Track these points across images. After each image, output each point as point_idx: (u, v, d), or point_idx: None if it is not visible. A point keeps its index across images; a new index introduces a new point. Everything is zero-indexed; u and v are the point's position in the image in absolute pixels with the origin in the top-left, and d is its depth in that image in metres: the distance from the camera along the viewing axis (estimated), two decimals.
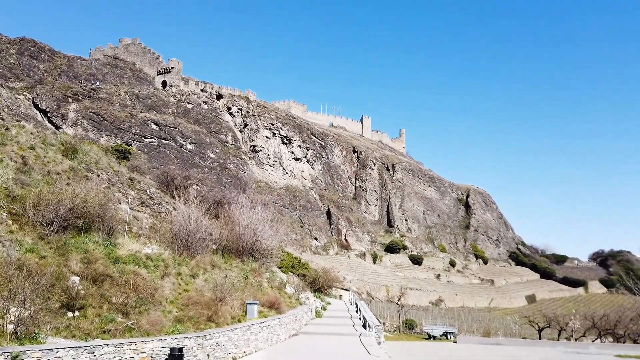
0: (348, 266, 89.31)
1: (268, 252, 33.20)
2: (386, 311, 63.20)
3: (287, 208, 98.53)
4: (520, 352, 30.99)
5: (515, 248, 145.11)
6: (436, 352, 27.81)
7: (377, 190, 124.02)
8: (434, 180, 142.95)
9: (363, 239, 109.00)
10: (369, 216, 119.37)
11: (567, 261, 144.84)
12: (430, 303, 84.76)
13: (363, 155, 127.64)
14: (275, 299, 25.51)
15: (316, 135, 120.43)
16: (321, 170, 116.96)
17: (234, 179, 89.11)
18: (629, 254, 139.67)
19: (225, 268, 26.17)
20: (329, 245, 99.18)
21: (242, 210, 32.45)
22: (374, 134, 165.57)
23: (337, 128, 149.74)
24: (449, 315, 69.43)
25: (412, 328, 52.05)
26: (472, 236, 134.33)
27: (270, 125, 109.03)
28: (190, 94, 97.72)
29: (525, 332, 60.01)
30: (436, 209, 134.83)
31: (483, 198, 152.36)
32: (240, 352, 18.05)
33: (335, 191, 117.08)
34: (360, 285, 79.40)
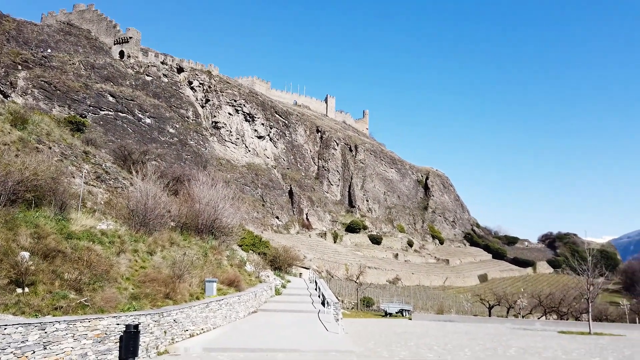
0: (309, 245, 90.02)
1: (228, 230, 32.91)
2: (345, 289, 64.38)
3: (249, 186, 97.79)
4: (471, 328, 32.36)
5: (470, 229, 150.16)
6: (392, 329, 28.64)
7: (339, 170, 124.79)
8: (395, 162, 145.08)
9: (324, 218, 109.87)
10: (331, 196, 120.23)
11: (518, 242, 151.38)
12: (388, 281, 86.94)
13: (327, 135, 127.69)
14: (234, 276, 25.42)
15: (280, 114, 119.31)
16: (284, 149, 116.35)
17: (195, 156, 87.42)
18: (575, 236, 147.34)
19: (184, 245, 25.79)
20: (290, 224, 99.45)
21: (202, 188, 31.89)
22: (338, 114, 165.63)
23: (301, 107, 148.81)
24: (405, 293, 71.52)
25: (369, 305, 53.34)
26: (430, 217, 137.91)
27: (233, 101, 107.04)
28: (149, 66, 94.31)
29: (476, 310, 62.67)
30: (396, 190, 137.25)
31: (442, 180, 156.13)
32: (199, 329, 17.97)
33: (297, 170, 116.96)
34: (321, 264, 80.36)
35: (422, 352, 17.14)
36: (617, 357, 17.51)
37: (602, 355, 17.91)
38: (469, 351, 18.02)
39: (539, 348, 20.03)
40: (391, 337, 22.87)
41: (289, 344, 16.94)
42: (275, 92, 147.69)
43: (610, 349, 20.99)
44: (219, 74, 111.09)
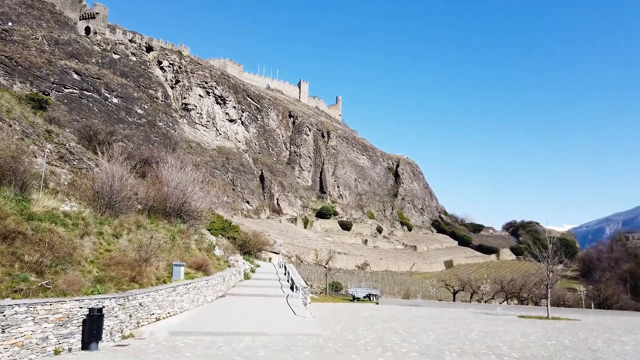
0: (279, 230, 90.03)
1: (197, 214, 32.52)
2: (314, 274, 64.87)
3: (219, 170, 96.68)
4: (435, 313, 33.22)
5: (438, 217, 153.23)
6: (359, 313, 29.10)
7: (311, 156, 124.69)
8: (367, 149, 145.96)
9: (295, 204, 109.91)
10: (302, 182, 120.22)
11: (483, 230, 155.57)
12: (357, 267, 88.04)
13: (299, 121, 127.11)
14: (203, 260, 25.22)
15: (252, 97, 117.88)
16: (256, 133, 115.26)
17: (164, 138, 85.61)
18: (537, 224, 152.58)
19: (152, 229, 25.37)
20: (260, 209, 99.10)
21: (171, 170, 31.31)
22: (310, 100, 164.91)
23: (274, 91, 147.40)
24: (373, 278, 72.66)
25: (337, 290, 53.96)
26: (400, 204, 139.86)
27: (204, 83, 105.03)
28: (117, 44, 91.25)
29: (441, 295, 64.30)
30: (367, 177, 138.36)
31: (412, 168, 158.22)
32: (165, 313, 17.81)
33: (269, 155, 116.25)
34: (290, 249, 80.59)
35: (387, 336, 17.50)
36: (572, 340, 18.32)
37: (558, 339, 18.70)
38: (432, 334, 18.51)
39: (499, 332, 20.75)
40: (358, 321, 23.25)
41: (257, 328, 17.00)
42: (247, 75, 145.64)
43: (566, 332, 21.94)
44: (189, 54, 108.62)
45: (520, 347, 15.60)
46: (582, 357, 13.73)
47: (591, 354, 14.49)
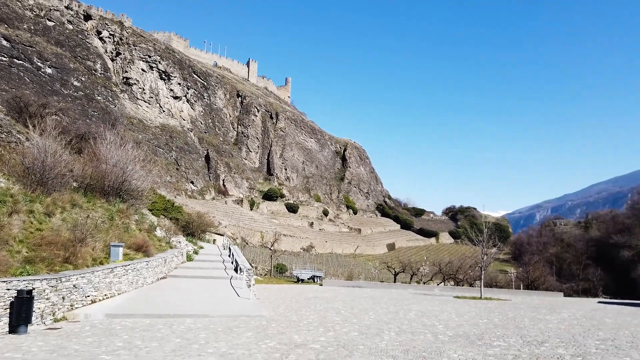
0: (224, 212, 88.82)
1: (138, 193, 31.33)
2: (259, 256, 64.77)
3: (163, 149, 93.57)
4: (377, 294, 34.20)
5: (383, 201, 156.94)
6: (303, 294, 29.42)
7: (259, 137, 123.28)
8: (315, 132, 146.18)
9: (242, 185, 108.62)
10: (249, 163, 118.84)
11: (424, 214, 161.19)
12: (302, 249, 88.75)
13: (247, 101, 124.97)
14: (143, 241, 24.43)
15: (198, 74, 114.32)
16: (202, 111, 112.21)
17: (102, 113, 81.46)
18: (474, 210, 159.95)
19: (88, 208, 24.20)
20: (205, 190, 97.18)
21: (110, 147, 29.84)
22: (259, 80, 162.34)
23: (222, 69, 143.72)
24: (318, 260, 73.62)
25: (282, 272, 54.23)
26: (346, 188, 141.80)
27: (147, 57, 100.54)
28: (51, 10, 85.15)
29: (383, 276, 66.25)
30: (315, 160, 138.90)
31: (359, 153, 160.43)
32: (101, 295, 17.15)
33: (215, 135, 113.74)
34: (236, 231, 79.84)
35: (329, 316, 17.82)
36: (501, 319, 19.48)
37: (489, 318, 19.82)
38: (373, 314, 19.05)
39: (435, 311, 21.69)
40: (301, 302, 23.50)
41: (198, 310, 16.77)
42: (194, 50, 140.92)
43: (496, 311, 23.29)
44: (131, 25, 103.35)
45: (455, 325, 16.39)
46: (509, 334, 14.63)
47: (518, 331, 15.47)
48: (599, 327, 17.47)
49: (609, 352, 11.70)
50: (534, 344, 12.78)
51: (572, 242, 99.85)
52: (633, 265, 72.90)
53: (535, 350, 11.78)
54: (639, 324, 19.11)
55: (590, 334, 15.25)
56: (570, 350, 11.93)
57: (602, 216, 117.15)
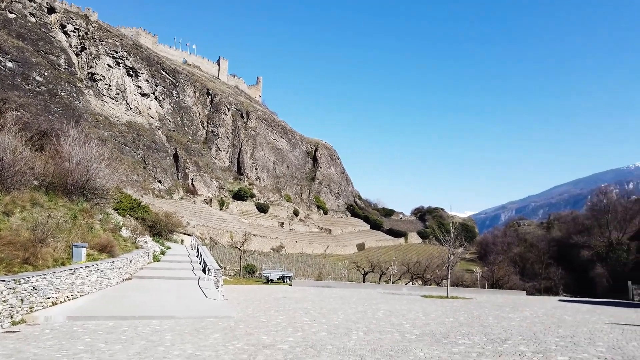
0: (193, 211, 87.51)
1: (103, 192, 30.53)
2: (228, 256, 64.12)
3: (129, 147, 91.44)
4: (346, 293, 34.40)
5: (353, 201, 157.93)
6: (272, 295, 29.30)
7: (229, 136, 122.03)
8: (286, 132, 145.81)
9: (211, 184, 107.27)
10: (219, 162, 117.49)
11: (393, 215, 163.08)
12: (272, 249, 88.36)
13: (217, 99, 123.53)
14: (107, 241, 23.81)
15: (167, 71, 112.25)
16: (170, 109, 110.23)
17: (66, 109, 78.93)
18: (442, 210, 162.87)
19: (50, 207, 23.42)
20: (174, 189, 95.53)
21: (73, 144, 28.96)
22: (230, 78, 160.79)
23: (192, 67, 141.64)
24: (288, 260, 73.45)
25: (252, 272, 53.85)
26: (317, 188, 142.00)
27: (113, 52, 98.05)
28: (12, 1, 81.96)
29: (353, 276, 66.68)
30: (286, 160, 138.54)
31: (329, 153, 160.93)
32: (63, 297, 16.61)
33: (184, 133, 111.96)
34: (204, 231, 78.77)
35: (298, 316, 17.81)
36: (467, 317, 19.91)
37: (455, 316, 20.22)
38: (342, 314, 19.15)
39: (403, 311, 21.98)
40: (270, 303, 23.39)
41: (165, 311, 16.46)
42: (162, 47, 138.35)
43: (462, 310, 23.79)
44: (97, 20, 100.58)
45: (421, 324, 16.65)
46: (474, 332, 14.97)
47: (482, 329, 15.85)
48: (559, 325, 18.08)
49: (568, 349, 12.13)
50: (497, 341, 13.12)
51: (534, 242, 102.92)
52: (591, 264, 75.76)
53: (499, 347, 12.10)
54: (596, 322, 19.88)
55: (551, 331, 15.77)
56: (532, 347, 12.30)
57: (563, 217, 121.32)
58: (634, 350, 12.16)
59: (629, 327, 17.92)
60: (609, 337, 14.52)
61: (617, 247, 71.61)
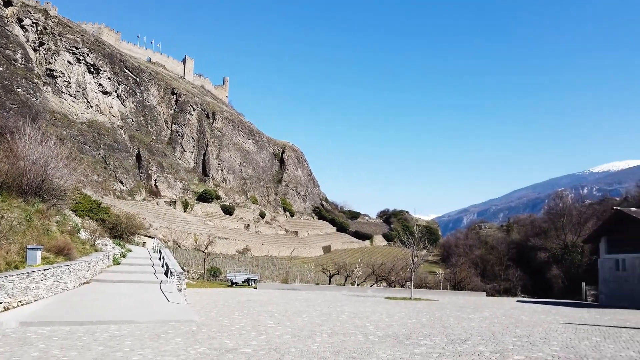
0: (156, 213, 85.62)
1: (60, 193, 29.46)
2: (192, 259, 63.03)
3: (90, 146, 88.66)
4: (311, 296, 34.41)
5: (320, 204, 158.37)
6: (236, 298, 28.98)
7: (194, 137, 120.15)
8: (253, 134, 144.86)
9: (175, 186, 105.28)
10: (184, 163, 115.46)
11: (359, 217, 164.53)
12: (238, 252, 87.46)
13: (183, 99, 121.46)
14: (65, 244, 22.96)
15: (130, 69, 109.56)
16: (134, 108, 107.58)
17: (22, 106, 75.77)
18: (407, 213, 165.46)
19: (3, 208, 22.40)
20: (136, 190, 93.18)
21: (29, 143, 27.83)
22: (196, 78, 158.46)
23: (156, 65, 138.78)
24: (253, 263, 72.84)
25: (216, 275, 53.11)
26: (283, 190, 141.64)
27: (74, 48, 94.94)
28: None
29: (318, 279, 66.81)
30: (252, 162, 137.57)
31: (297, 155, 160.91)
32: (16, 302, 15.90)
33: (148, 133, 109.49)
34: (168, 233, 77.18)
35: (262, 320, 17.68)
36: (429, 318, 20.28)
37: (417, 317, 20.55)
38: (306, 316, 19.14)
39: (367, 312, 22.17)
40: (234, 306, 23.13)
41: (124, 316, 16.01)
42: (126, 44, 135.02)
43: (425, 311, 24.20)
44: (57, 14, 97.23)
45: (385, 326, 16.84)
46: (435, 333, 15.26)
47: (443, 330, 16.18)
48: (517, 325, 18.66)
49: (524, 348, 12.53)
50: (457, 342, 13.41)
51: (495, 244, 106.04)
52: (548, 266, 78.66)
53: (459, 347, 12.37)
54: (551, 322, 20.62)
55: (509, 331, 16.25)
56: (490, 347, 12.64)
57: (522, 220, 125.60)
58: (585, 349, 12.68)
59: (581, 326, 18.68)
60: (562, 337, 15.09)
61: (571, 250, 74.59)
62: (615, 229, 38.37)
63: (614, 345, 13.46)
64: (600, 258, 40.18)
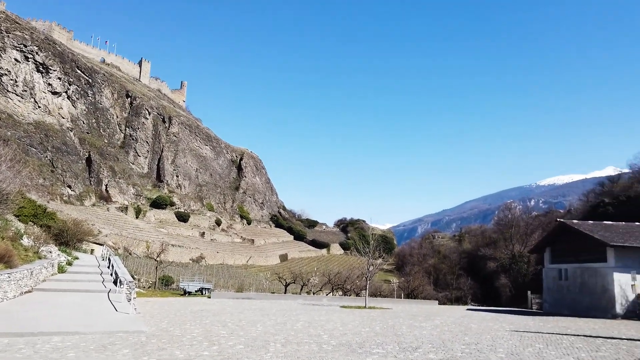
0: (106, 219, 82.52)
1: (2, 197, 27.92)
2: (144, 267, 61.10)
3: (36, 148, 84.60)
4: (266, 305, 34.10)
5: (277, 212, 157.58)
6: (189, 307, 28.30)
7: (149, 141, 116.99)
8: (210, 140, 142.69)
9: (127, 191, 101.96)
10: (137, 168, 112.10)
11: (317, 226, 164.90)
12: (192, 260, 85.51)
13: (138, 102, 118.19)
14: (5, 251, 21.74)
15: (83, 70, 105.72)
16: (85, 110, 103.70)
17: None
18: (363, 222, 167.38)
19: None
20: (85, 195, 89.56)
21: None
22: (152, 81, 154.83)
23: (110, 66, 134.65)
24: (208, 272, 71.39)
25: (168, 284, 51.68)
26: (241, 197, 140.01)
27: (22, 46, 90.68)
28: None
29: (274, 287, 66.29)
30: (209, 168, 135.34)
31: (255, 162, 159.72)
32: None
33: (100, 136, 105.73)
34: (118, 240, 74.49)
35: (215, 330, 17.36)
36: (382, 327, 20.55)
37: (371, 326, 20.78)
38: (260, 326, 18.94)
39: (322, 321, 22.21)
40: (187, 316, 22.58)
41: (68, 326, 15.29)
42: (78, 44, 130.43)
43: (378, 320, 24.50)
44: (5, 10, 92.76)
45: (339, 335, 16.93)
46: (388, 341, 15.48)
47: (396, 338, 16.44)
48: (466, 333, 19.21)
49: (472, 355, 12.92)
50: (408, 350, 13.66)
51: (447, 253, 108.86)
52: (497, 275, 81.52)
53: (410, 355, 12.61)
54: (498, 329, 21.37)
55: (458, 339, 16.71)
56: (440, 354, 12.96)
57: (473, 230, 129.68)
58: (529, 355, 13.23)
59: (526, 334, 19.46)
60: (508, 344, 15.67)
61: (519, 259, 77.66)
62: (558, 240, 40.34)
63: (555, 351, 14.12)
64: (545, 268, 42.08)
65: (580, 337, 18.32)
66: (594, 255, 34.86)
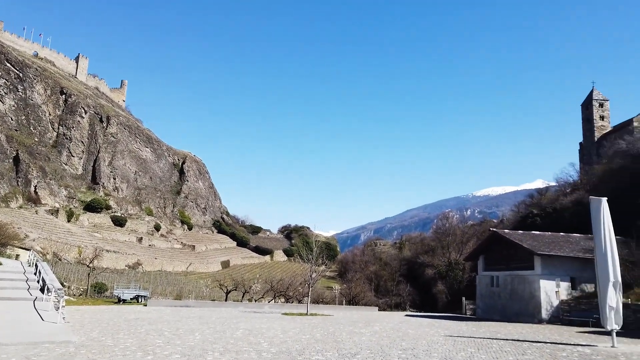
0: (34, 223, 77.46)
1: None
2: (75, 274, 57.89)
3: None
4: (205, 313, 33.30)
5: (220, 217, 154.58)
6: (123, 316, 27.08)
7: (84, 141, 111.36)
8: (151, 142, 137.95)
9: (59, 193, 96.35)
10: (71, 169, 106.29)
11: (261, 232, 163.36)
12: (128, 266, 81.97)
13: (73, 100, 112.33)
14: None
15: (13, 63, 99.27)
16: (14, 106, 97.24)
17: None
18: (308, 229, 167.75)
19: None
20: (11, 197, 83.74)
21: None
22: (90, 79, 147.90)
23: (44, 61, 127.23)
24: (145, 279, 68.70)
25: (102, 292, 49.25)
26: (182, 202, 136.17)
27: None
28: None
29: (215, 295, 64.87)
30: (149, 171, 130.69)
31: (198, 166, 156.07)
32: None
33: (30, 134, 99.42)
34: (47, 245, 70.09)
35: (150, 339, 16.73)
36: (323, 334, 20.65)
37: (311, 333, 20.83)
38: (199, 335, 18.47)
39: (263, 329, 21.99)
40: (120, 325, 21.59)
41: None
42: (9, 35, 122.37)
43: (319, 327, 24.61)
44: None
45: (279, 342, 16.84)
46: (328, 348, 15.60)
47: (336, 345, 16.59)
48: (403, 338, 19.72)
49: None
50: (347, 356, 13.83)
51: (388, 260, 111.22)
52: (434, 282, 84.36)
53: None
54: (434, 334, 22.10)
55: (395, 345, 17.12)
56: None
57: (413, 238, 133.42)
58: (461, 359, 13.80)
59: (459, 338, 20.27)
60: (443, 349, 16.25)
61: (455, 267, 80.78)
62: (491, 248, 42.47)
63: (485, 355, 14.81)
64: (478, 275, 44.10)
65: (509, 342, 19.33)
66: (523, 263, 36.99)
